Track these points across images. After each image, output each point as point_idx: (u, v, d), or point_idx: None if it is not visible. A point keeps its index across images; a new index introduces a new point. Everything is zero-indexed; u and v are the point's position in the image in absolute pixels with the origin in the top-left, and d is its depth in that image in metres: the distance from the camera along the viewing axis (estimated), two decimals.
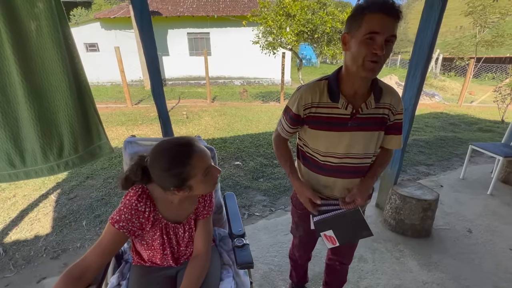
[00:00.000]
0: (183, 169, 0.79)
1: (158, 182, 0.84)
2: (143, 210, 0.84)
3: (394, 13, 0.77)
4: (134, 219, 0.83)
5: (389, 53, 0.81)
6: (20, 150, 0.99)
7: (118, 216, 0.81)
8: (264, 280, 1.68)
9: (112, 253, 0.83)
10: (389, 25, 0.77)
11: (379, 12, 0.76)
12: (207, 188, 0.89)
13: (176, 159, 0.79)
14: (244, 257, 1.01)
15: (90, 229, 2.17)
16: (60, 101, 1.00)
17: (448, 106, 7.63)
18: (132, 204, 0.83)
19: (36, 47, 0.93)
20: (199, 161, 0.82)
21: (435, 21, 1.70)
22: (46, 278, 1.70)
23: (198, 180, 0.82)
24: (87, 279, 0.76)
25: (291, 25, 6.17)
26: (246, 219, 2.32)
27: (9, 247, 1.97)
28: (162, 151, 0.81)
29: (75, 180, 2.94)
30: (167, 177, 0.80)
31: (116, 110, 6.34)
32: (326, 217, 1.01)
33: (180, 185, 0.81)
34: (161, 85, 1.41)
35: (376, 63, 0.81)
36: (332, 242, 1.04)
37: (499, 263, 1.84)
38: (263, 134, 4.59)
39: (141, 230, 0.86)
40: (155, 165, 0.82)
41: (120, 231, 0.81)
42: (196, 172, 0.81)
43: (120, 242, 0.83)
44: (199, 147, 0.84)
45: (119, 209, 0.83)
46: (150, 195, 0.87)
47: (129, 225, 0.82)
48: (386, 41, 0.78)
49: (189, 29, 10.92)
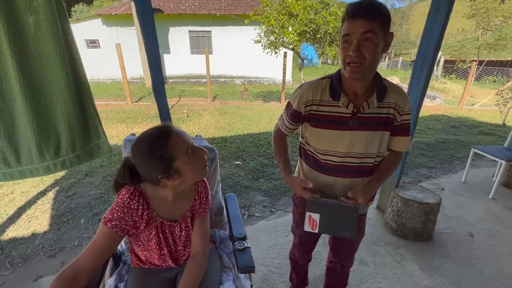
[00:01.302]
0: (164, 150, 0.77)
1: (145, 174, 0.82)
2: (136, 208, 0.83)
3: (363, 15, 0.78)
4: (127, 217, 0.81)
5: (371, 53, 0.80)
6: (15, 149, 0.96)
7: (110, 215, 0.80)
8: (264, 282, 1.66)
9: (107, 253, 0.80)
10: (360, 25, 0.78)
11: (350, 16, 0.80)
12: (197, 171, 0.86)
13: (155, 141, 0.78)
14: (245, 261, 0.99)
15: (88, 228, 2.15)
16: (58, 98, 0.97)
17: (449, 109, 7.61)
18: (124, 202, 0.81)
19: (34, 41, 0.90)
20: (178, 140, 0.80)
21: (441, 22, 1.67)
22: (42, 277, 1.68)
23: (183, 161, 0.80)
24: (81, 281, 0.74)
25: (293, 24, 6.13)
26: (246, 220, 2.30)
27: (6, 244, 1.95)
28: (141, 139, 0.81)
29: (73, 177, 2.91)
30: (151, 164, 0.79)
31: (116, 107, 6.31)
32: (322, 200, 0.99)
33: (167, 170, 0.79)
34: (162, 83, 1.39)
35: (357, 65, 0.82)
36: (312, 227, 1.02)
37: (501, 268, 1.82)
38: (263, 134, 4.56)
39: (135, 228, 0.84)
40: (137, 155, 0.80)
41: (113, 230, 0.79)
42: (178, 152, 0.79)
43: (114, 241, 0.81)
44: (176, 128, 0.83)
45: (111, 208, 0.81)
46: (142, 193, 0.85)
47: (122, 224, 0.80)
48: (365, 40, 0.79)
49: (191, 27, 10.87)
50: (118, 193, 0.85)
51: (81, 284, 0.75)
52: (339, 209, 0.98)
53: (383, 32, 0.81)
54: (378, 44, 0.81)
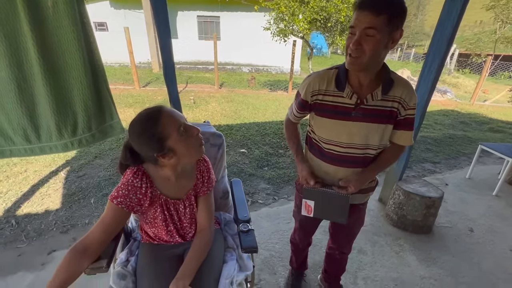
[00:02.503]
0: (155, 128, 0.81)
1: (142, 153, 0.86)
2: (139, 186, 0.88)
3: (370, 7, 0.77)
4: (132, 195, 0.86)
5: (371, 48, 0.81)
6: (36, 126, 1.02)
7: (116, 192, 0.85)
8: (265, 265, 1.73)
9: (115, 229, 0.86)
10: (364, 19, 0.79)
11: (357, 6, 0.80)
12: (192, 150, 0.89)
13: (146, 121, 0.82)
14: (249, 242, 1.04)
15: (98, 207, 2.24)
16: (75, 79, 1.01)
17: (459, 104, 7.45)
18: (128, 181, 0.87)
19: (53, 24, 0.93)
20: (169, 118, 0.83)
21: (457, 14, 1.63)
22: (56, 251, 1.78)
23: (175, 140, 0.83)
24: (91, 253, 0.81)
25: (304, 12, 5.99)
26: (249, 206, 2.36)
27: (21, 219, 2.05)
28: (134, 120, 0.85)
29: (83, 158, 3.00)
30: (145, 143, 0.82)
31: (124, 91, 6.36)
32: (316, 190, 1.09)
33: (161, 149, 0.82)
34: (173, 70, 1.41)
35: (355, 57, 0.84)
36: (307, 211, 1.13)
37: (498, 263, 1.85)
38: (269, 123, 4.57)
39: (140, 205, 0.89)
40: (132, 136, 0.84)
41: (119, 207, 0.84)
42: (169, 130, 0.82)
43: (121, 218, 0.86)
44: (167, 108, 0.87)
45: (117, 186, 0.87)
46: (146, 172, 0.90)
47: (127, 201, 0.85)
48: (365, 35, 0.80)
49: (199, 12, 10.69)
50: (124, 174, 0.91)
51: (92, 256, 0.82)
52: (331, 198, 1.07)
53: (391, 27, 0.79)
54: (381, 41, 0.80)
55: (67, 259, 0.77)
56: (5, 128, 1.01)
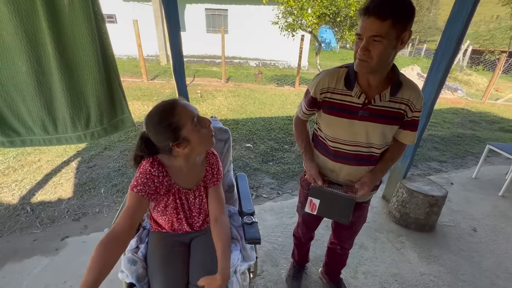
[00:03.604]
0: (172, 119, 0.86)
1: (158, 143, 0.92)
2: (157, 175, 0.93)
3: (376, 14, 0.78)
4: (150, 183, 0.91)
5: (379, 53, 0.83)
6: (53, 118, 1.08)
7: (135, 181, 0.91)
8: (267, 257, 1.78)
9: (138, 217, 0.90)
10: (370, 26, 0.80)
11: (362, 13, 0.81)
12: (204, 139, 0.94)
13: (163, 112, 0.88)
14: (253, 233, 1.08)
15: (108, 197, 2.32)
16: (88, 75, 1.06)
17: (470, 102, 7.30)
18: (146, 170, 0.92)
19: (69, 21, 0.97)
20: (184, 110, 0.89)
21: (468, 12, 1.61)
22: (68, 237, 1.87)
23: (190, 129, 0.88)
24: (123, 240, 0.84)
25: (313, 6, 5.92)
26: (254, 200, 2.41)
27: (36, 206, 2.15)
28: (152, 112, 0.90)
29: (94, 150, 3.09)
30: (162, 132, 0.88)
31: (132, 84, 6.44)
32: (324, 189, 1.11)
33: (176, 138, 0.88)
34: (182, 65, 1.44)
35: (363, 60, 0.86)
36: (312, 209, 1.15)
37: (500, 263, 1.86)
38: (275, 118, 4.59)
39: (157, 193, 0.94)
40: (149, 126, 0.90)
41: (139, 194, 0.89)
42: (184, 121, 0.88)
43: (142, 205, 0.91)
44: (182, 100, 0.93)
45: (135, 177, 0.92)
46: (161, 162, 0.96)
47: (146, 188, 0.90)
48: (373, 41, 0.81)
49: (207, 5, 10.64)
50: (139, 165, 0.95)
51: (124, 243, 0.85)
52: (338, 199, 1.10)
53: (398, 30, 0.79)
54: (388, 45, 0.81)
55: (100, 249, 0.78)
56: (25, 119, 1.07)
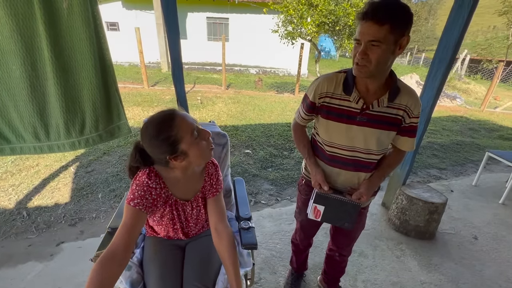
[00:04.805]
0: (170, 132, 0.82)
1: (153, 156, 0.87)
2: (154, 187, 0.89)
3: (373, 19, 0.78)
4: (147, 196, 0.87)
5: (377, 57, 0.83)
6: (45, 125, 1.05)
7: (132, 195, 0.86)
8: (265, 264, 1.75)
9: (136, 231, 0.85)
10: (368, 31, 0.80)
11: (360, 18, 0.82)
12: (203, 152, 0.90)
13: (161, 124, 0.84)
14: (249, 239, 1.07)
15: (105, 202, 2.30)
16: (85, 79, 1.05)
17: (469, 110, 7.33)
18: (143, 182, 0.87)
19: (67, 25, 0.98)
20: (183, 122, 0.85)
21: (463, 21, 1.63)
22: (64, 243, 1.84)
23: (188, 142, 0.84)
24: (120, 257, 0.79)
25: (312, 15, 6.02)
26: (252, 206, 2.39)
27: (32, 211, 2.13)
28: (148, 123, 0.86)
29: (92, 155, 3.08)
30: (159, 145, 0.83)
31: (133, 90, 6.48)
32: (330, 195, 1.09)
33: (174, 151, 0.84)
34: (181, 70, 1.45)
35: (362, 66, 0.86)
36: (315, 216, 1.13)
37: (501, 271, 1.83)
38: (275, 124, 4.60)
39: (155, 206, 0.91)
40: (145, 138, 0.85)
41: (136, 208, 0.85)
42: (183, 134, 0.83)
43: (140, 219, 0.86)
44: (181, 111, 0.88)
45: (131, 189, 0.88)
46: (158, 173, 0.91)
47: (143, 202, 0.86)
48: (371, 45, 0.82)
49: (209, 13, 10.82)
50: (135, 176, 0.91)
51: (121, 261, 0.79)
52: (343, 205, 1.08)
53: (396, 35, 0.80)
54: (387, 49, 0.82)
55: (97, 269, 0.74)
56: (17, 126, 1.04)
